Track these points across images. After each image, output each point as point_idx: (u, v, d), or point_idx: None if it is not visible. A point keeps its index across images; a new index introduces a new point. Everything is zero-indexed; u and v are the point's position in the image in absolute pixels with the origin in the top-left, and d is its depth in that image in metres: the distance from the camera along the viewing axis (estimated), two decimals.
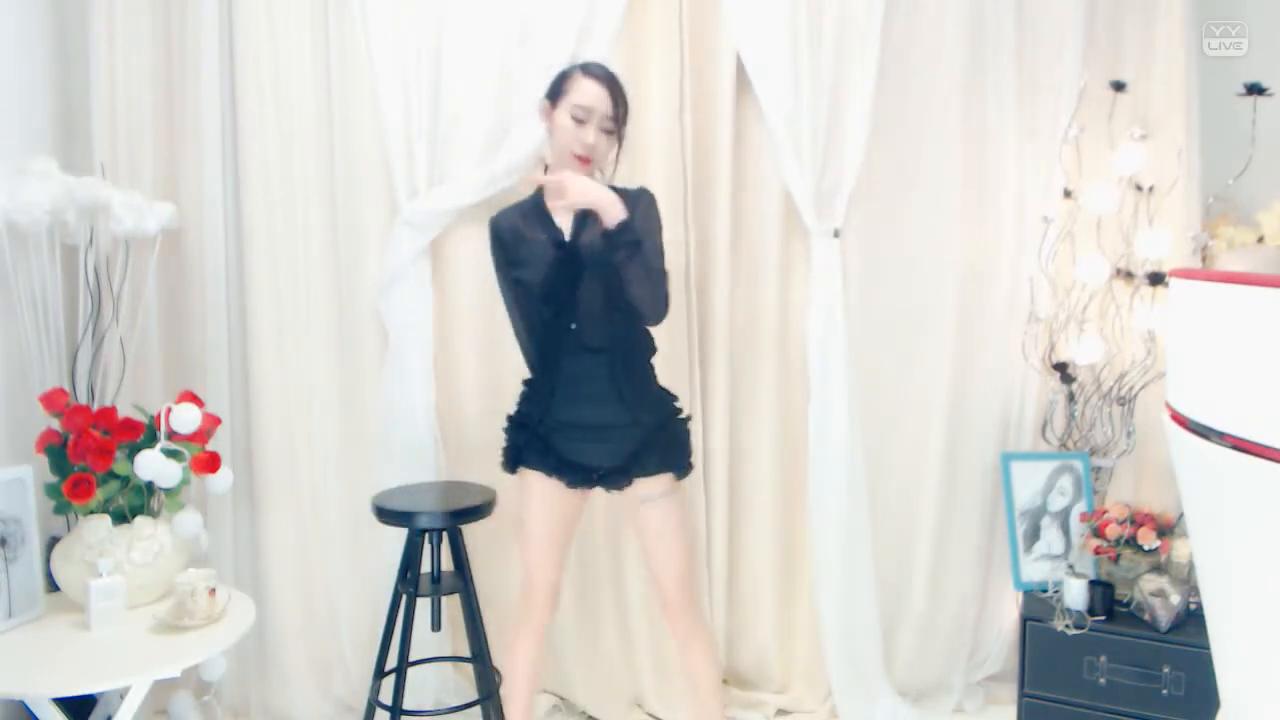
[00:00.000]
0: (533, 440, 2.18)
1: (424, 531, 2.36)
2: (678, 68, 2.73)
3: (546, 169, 2.19)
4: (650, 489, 2.14)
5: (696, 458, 2.35)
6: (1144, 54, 2.79)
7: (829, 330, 2.73)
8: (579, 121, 2.07)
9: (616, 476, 2.14)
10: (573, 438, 2.15)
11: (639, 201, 2.12)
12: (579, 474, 2.16)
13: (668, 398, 2.23)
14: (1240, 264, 2.62)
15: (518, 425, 2.24)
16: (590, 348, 2.12)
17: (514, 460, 2.23)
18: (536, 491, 2.19)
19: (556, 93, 2.12)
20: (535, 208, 2.19)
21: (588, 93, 2.08)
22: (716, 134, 2.76)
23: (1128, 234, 2.75)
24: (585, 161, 2.09)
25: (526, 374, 2.26)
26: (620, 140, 2.18)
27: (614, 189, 2.11)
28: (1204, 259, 2.73)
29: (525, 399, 2.25)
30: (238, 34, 2.63)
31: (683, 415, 2.23)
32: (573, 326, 2.11)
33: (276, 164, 2.68)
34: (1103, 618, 2.57)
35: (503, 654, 2.31)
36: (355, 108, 2.68)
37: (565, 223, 2.15)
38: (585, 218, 2.12)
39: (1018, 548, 2.81)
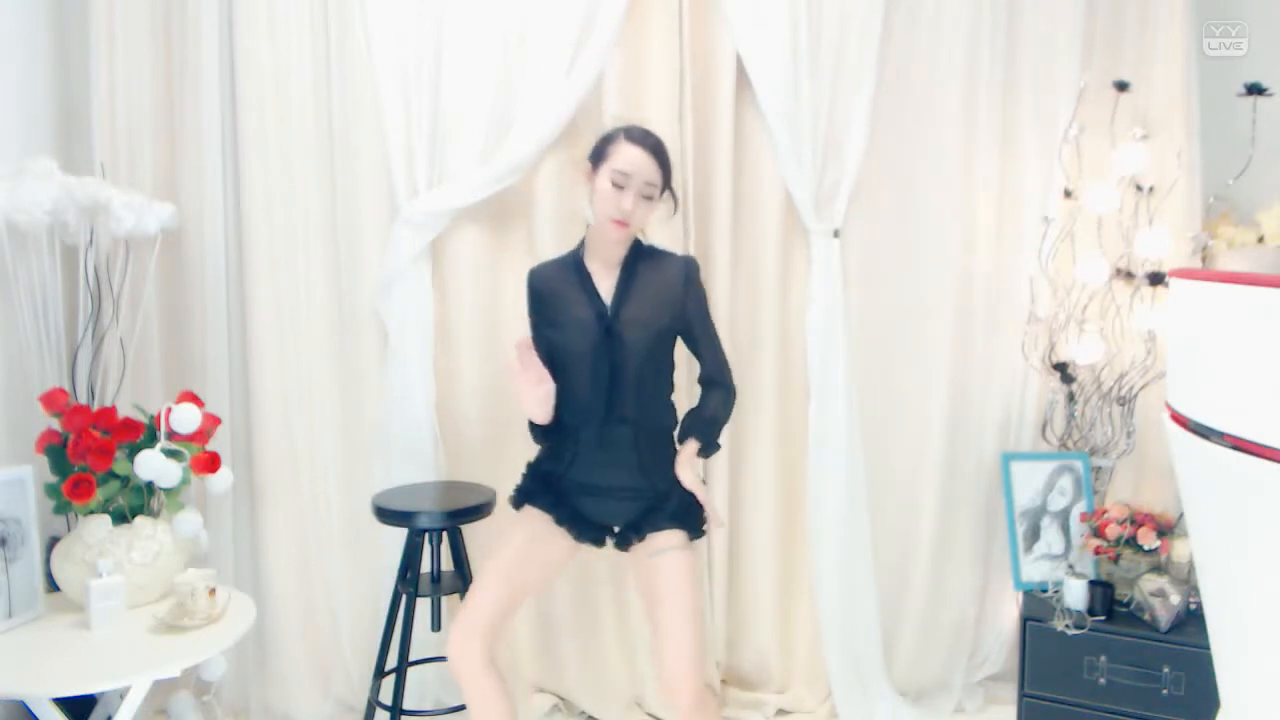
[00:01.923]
0: (549, 491, 2.14)
1: (424, 531, 2.37)
2: (677, 68, 2.73)
3: (584, 239, 2.16)
4: (663, 542, 2.06)
5: None
6: (1144, 54, 2.79)
7: (829, 330, 2.73)
8: (618, 187, 2.02)
9: (628, 533, 2.10)
10: (589, 495, 2.11)
11: (688, 282, 2.11)
12: (591, 530, 2.12)
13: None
14: (1240, 264, 2.62)
15: (535, 474, 2.20)
16: (617, 417, 2.07)
17: (524, 497, 2.18)
18: (531, 529, 2.12)
19: (598, 156, 2.08)
20: (577, 267, 2.14)
21: (628, 158, 2.03)
22: (716, 134, 2.76)
23: (1128, 234, 2.75)
24: (622, 225, 2.05)
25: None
26: (672, 198, 2.15)
27: (654, 250, 2.13)
28: (1204, 259, 2.73)
29: (544, 457, 2.21)
30: (238, 34, 2.62)
31: None
32: (599, 400, 2.06)
33: (276, 164, 2.68)
34: (1103, 618, 2.57)
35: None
36: (355, 108, 2.68)
37: (606, 287, 2.11)
38: (629, 281, 2.09)
39: (1018, 548, 2.81)
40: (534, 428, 2.18)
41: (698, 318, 2.12)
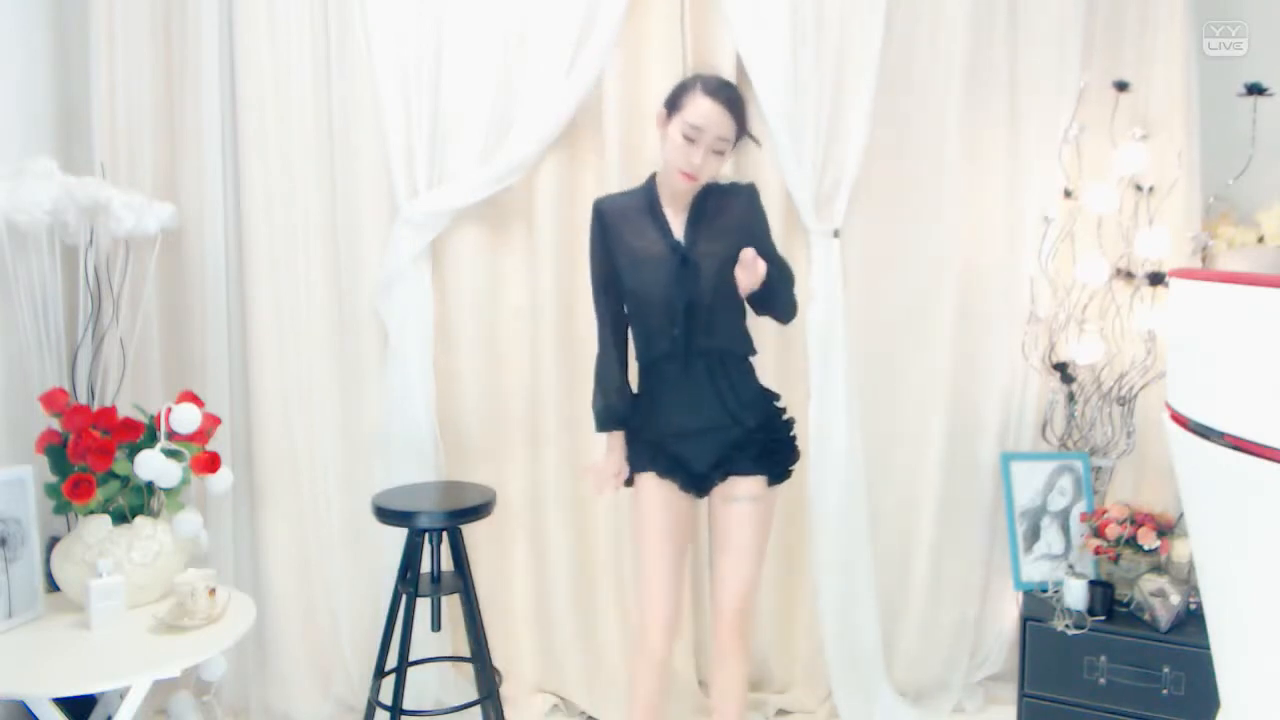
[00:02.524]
0: (643, 447, 2.14)
1: (424, 531, 2.37)
2: (677, 68, 2.72)
3: (654, 175, 2.15)
4: (739, 490, 2.08)
5: None
6: (1144, 54, 2.79)
7: (829, 330, 2.73)
8: (689, 140, 2.00)
9: (711, 474, 2.10)
10: (679, 439, 2.10)
11: (751, 208, 2.13)
12: (693, 479, 2.11)
13: (768, 396, 2.18)
14: (1240, 264, 2.62)
15: (630, 440, 2.18)
16: (695, 352, 2.08)
17: (631, 469, 2.17)
18: (653, 499, 2.12)
19: (673, 104, 2.04)
20: (649, 203, 2.12)
21: (702, 112, 1.99)
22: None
23: (1128, 234, 2.75)
24: (690, 178, 2.04)
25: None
26: (753, 141, 2.15)
27: (719, 185, 2.13)
28: (1204, 259, 2.73)
29: (635, 409, 2.18)
30: (238, 34, 2.62)
31: (785, 416, 2.19)
32: (677, 333, 2.06)
33: (276, 164, 2.68)
34: (1103, 618, 2.57)
35: (626, 697, 2.27)
36: (355, 108, 2.68)
37: (678, 223, 2.11)
38: (699, 218, 2.10)
39: (1018, 548, 2.81)
40: (597, 408, 2.19)
41: (761, 238, 2.12)
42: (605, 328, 2.19)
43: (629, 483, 2.20)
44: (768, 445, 2.12)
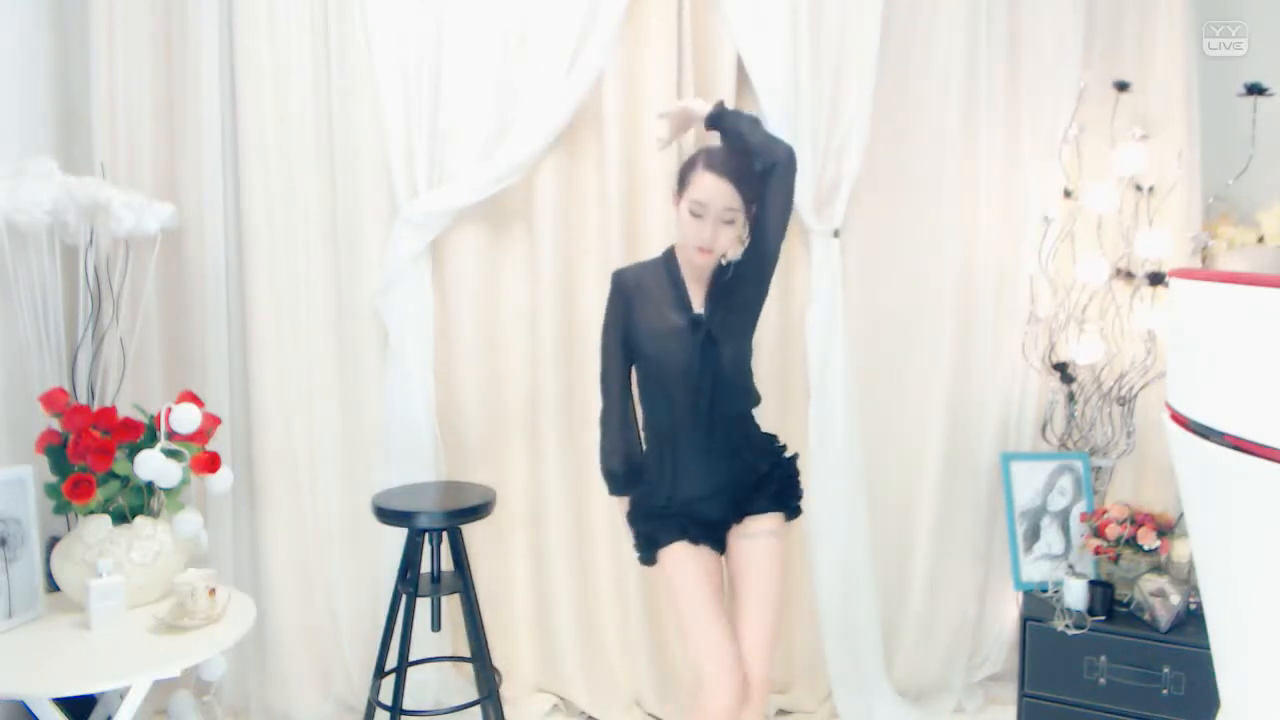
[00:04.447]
0: (671, 521, 2.09)
1: (424, 531, 2.37)
2: (677, 68, 2.73)
3: (672, 247, 2.14)
4: (759, 526, 2.09)
5: None
6: (1144, 54, 2.79)
7: (829, 330, 2.73)
8: (696, 216, 2.00)
9: (728, 517, 2.10)
10: (703, 502, 2.09)
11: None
12: (713, 532, 2.10)
13: (772, 439, 2.20)
14: (1240, 264, 2.62)
15: (645, 516, 2.13)
16: (715, 419, 2.07)
17: (652, 545, 2.11)
18: (685, 564, 2.06)
19: (681, 182, 2.06)
20: (670, 276, 2.12)
21: (704, 187, 1.99)
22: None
23: (1128, 234, 2.75)
24: (705, 253, 2.03)
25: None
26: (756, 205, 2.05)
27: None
28: (1204, 259, 2.73)
29: (643, 495, 2.15)
30: (237, 34, 2.62)
31: (788, 454, 2.20)
32: (703, 404, 2.05)
33: (276, 164, 2.68)
34: (1103, 618, 2.57)
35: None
36: (355, 108, 2.68)
37: (698, 296, 2.10)
38: (719, 291, 2.08)
39: (1018, 548, 2.81)
40: (616, 473, 2.18)
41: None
42: (613, 394, 2.16)
43: (652, 561, 2.12)
44: (782, 484, 2.14)
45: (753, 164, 1.99)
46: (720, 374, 2.06)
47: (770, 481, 2.12)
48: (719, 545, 2.12)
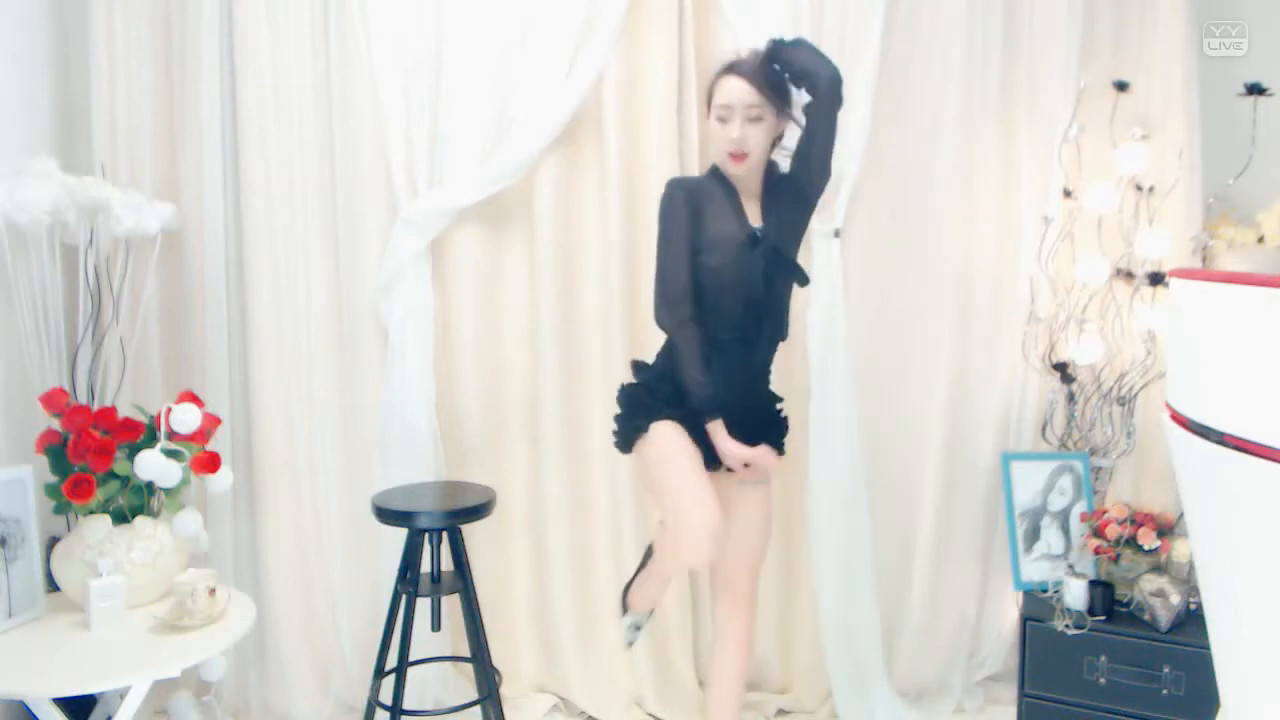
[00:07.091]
0: (681, 408, 2.08)
1: (424, 531, 2.37)
2: (677, 67, 2.73)
3: (714, 166, 2.17)
4: (750, 475, 2.16)
5: None
6: (1144, 54, 2.79)
7: (829, 330, 2.73)
8: (722, 121, 2.05)
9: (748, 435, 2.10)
10: (730, 418, 2.08)
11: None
12: (711, 451, 2.09)
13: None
14: (1240, 264, 2.62)
15: (658, 394, 2.11)
16: (761, 335, 2.13)
17: (649, 416, 2.08)
18: (678, 439, 2.04)
19: (708, 99, 2.12)
20: (724, 186, 2.13)
21: (724, 89, 2.05)
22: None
23: (1128, 234, 2.75)
24: (738, 158, 2.05)
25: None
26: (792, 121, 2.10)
27: (782, 174, 2.16)
28: (1204, 259, 2.73)
29: (663, 377, 2.13)
30: (238, 34, 2.62)
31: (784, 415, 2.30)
32: (754, 316, 2.11)
33: (276, 164, 2.68)
34: (1103, 618, 2.57)
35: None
36: (355, 108, 2.68)
37: (753, 210, 2.14)
38: (773, 206, 2.13)
39: (1018, 548, 2.81)
40: (719, 396, 2.10)
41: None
42: (687, 304, 2.08)
43: (639, 432, 2.10)
44: (779, 433, 2.26)
45: (781, 73, 2.05)
46: (774, 290, 2.12)
47: (775, 425, 2.24)
48: (710, 463, 2.10)
